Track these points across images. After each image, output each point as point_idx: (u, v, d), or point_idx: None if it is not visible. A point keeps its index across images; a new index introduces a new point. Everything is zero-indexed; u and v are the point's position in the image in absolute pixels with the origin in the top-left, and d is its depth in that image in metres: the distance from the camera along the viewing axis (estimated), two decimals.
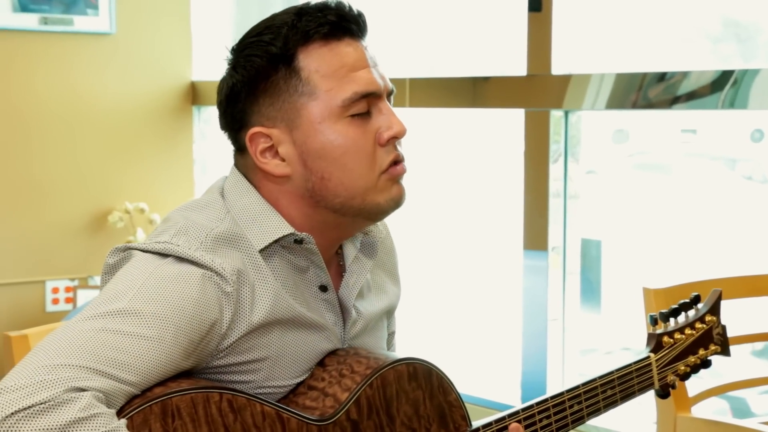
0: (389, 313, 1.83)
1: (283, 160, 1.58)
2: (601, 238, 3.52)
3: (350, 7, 1.60)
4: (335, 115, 1.56)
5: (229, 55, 1.62)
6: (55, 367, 1.33)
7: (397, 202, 1.62)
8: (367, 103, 1.58)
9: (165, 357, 1.42)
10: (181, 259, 1.50)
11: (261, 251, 1.57)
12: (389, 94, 1.62)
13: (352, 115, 1.57)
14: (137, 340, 1.40)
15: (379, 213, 1.61)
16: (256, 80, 1.58)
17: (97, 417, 1.32)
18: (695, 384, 2.38)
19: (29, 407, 1.29)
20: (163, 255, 1.50)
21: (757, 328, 2.55)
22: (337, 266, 1.69)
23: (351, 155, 1.57)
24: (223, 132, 1.66)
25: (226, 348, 1.52)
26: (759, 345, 3.48)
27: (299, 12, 1.58)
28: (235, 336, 1.52)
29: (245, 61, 1.58)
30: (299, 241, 1.59)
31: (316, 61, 1.56)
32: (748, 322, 2.59)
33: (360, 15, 1.60)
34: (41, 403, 1.30)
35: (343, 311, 1.68)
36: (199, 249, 1.51)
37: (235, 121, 1.62)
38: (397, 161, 1.60)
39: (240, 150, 1.64)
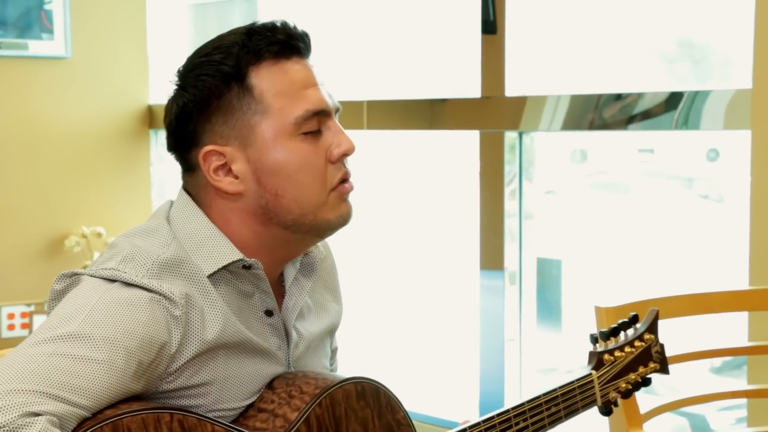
0: (332, 332, 1.84)
1: (236, 177, 1.59)
2: (560, 257, 3.54)
3: (296, 27, 1.62)
4: (288, 132, 1.58)
5: (175, 77, 1.63)
6: (8, 392, 1.33)
7: (345, 219, 1.65)
8: (317, 121, 1.60)
9: (116, 380, 1.42)
10: (128, 284, 1.50)
11: (209, 276, 1.57)
12: (336, 111, 1.65)
13: (305, 133, 1.59)
14: (88, 363, 1.40)
15: (328, 229, 1.64)
16: (208, 99, 1.59)
17: None
18: (647, 400, 2.39)
19: None
20: (111, 280, 1.51)
21: (711, 345, 2.57)
22: (279, 288, 1.70)
23: (304, 172, 1.59)
24: (171, 153, 1.67)
25: (175, 371, 1.52)
26: (717, 362, 3.50)
27: (248, 32, 1.60)
28: (184, 359, 1.52)
29: (196, 81, 1.60)
30: (247, 267, 1.60)
31: (267, 80, 1.58)
32: (702, 340, 2.61)
33: (305, 34, 1.63)
34: None
35: (286, 334, 1.69)
36: (145, 276, 1.51)
37: (186, 141, 1.62)
38: (345, 179, 1.63)
39: (190, 169, 1.64)
